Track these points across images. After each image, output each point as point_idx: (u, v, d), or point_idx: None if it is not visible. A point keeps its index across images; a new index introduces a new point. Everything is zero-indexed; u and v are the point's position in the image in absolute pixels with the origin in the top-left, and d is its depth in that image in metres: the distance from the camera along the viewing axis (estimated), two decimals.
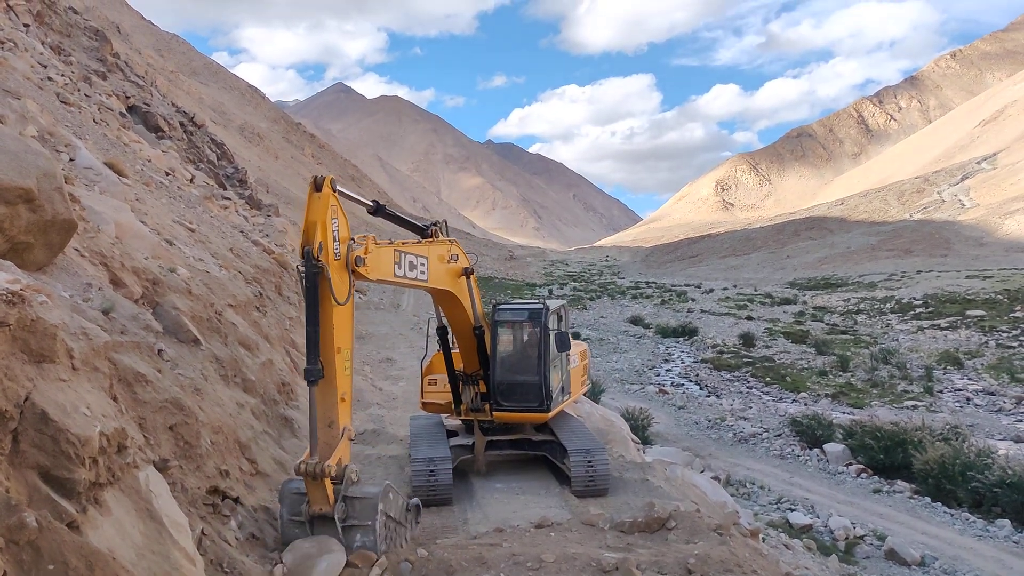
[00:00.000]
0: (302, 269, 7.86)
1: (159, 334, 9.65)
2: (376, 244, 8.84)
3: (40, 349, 5.62)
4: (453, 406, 12.71)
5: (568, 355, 13.23)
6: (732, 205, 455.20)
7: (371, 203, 9.84)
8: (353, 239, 8.57)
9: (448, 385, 12.67)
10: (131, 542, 5.52)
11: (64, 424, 5.18)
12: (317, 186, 8.00)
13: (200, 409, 8.83)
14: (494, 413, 12.30)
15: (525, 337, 12.60)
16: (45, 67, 26.28)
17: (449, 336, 12.68)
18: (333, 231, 8.02)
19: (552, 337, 12.20)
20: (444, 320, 12.15)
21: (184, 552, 6.02)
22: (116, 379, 7.06)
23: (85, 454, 5.23)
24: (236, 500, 8.37)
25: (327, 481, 7.81)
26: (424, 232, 11.30)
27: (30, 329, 5.55)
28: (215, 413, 9.48)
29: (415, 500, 9.67)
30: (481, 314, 11.98)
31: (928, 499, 23.07)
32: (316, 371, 7.87)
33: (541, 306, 12.58)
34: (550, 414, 12.38)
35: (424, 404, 13.50)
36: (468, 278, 11.50)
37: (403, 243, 9.91)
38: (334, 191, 8.07)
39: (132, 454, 6.11)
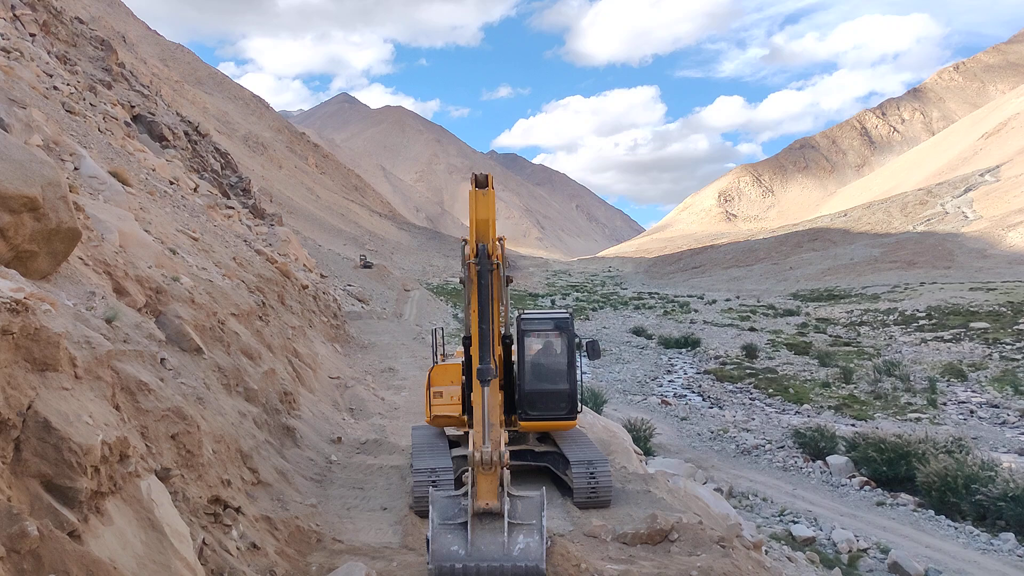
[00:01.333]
0: (476, 265, 7.67)
1: (162, 343, 9.66)
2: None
3: (43, 357, 5.63)
4: (465, 417, 12.56)
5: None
6: (735, 216, 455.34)
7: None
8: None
9: (454, 397, 12.60)
10: (132, 551, 5.51)
11: (66, 433, 5.18)
12: (479, 183, 7.91)
13: (202, 418, 8.83)
14: (521, 423, 12.28)
15: (554, 345, 12.63)
16: (51, 76, 26.41)
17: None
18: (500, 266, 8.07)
19: (584, 345, 12.30)
20: (470, 330, 11.89)
21: (185, 562, 6.00)
22: (119, 388, 7.06)
23: (87, 463, 5.23)
24: (238, 510, 8.35)
25: (499, 471, 7.52)
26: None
27: (33, 337, 5.56)
28: (217, 422, 9.48)
29: None
30: (507, 323, 12.01)
31: (932, 512, 22.96)
32: (492, 371, 7.74)
33: (566, 315, 12.66)
34: (577, 422, 12.46)
35: (434, 419, 13.04)
36: (506, 286, 11.51)
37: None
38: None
39: (134, 463, 6.10)
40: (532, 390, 12.17)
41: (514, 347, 12.30)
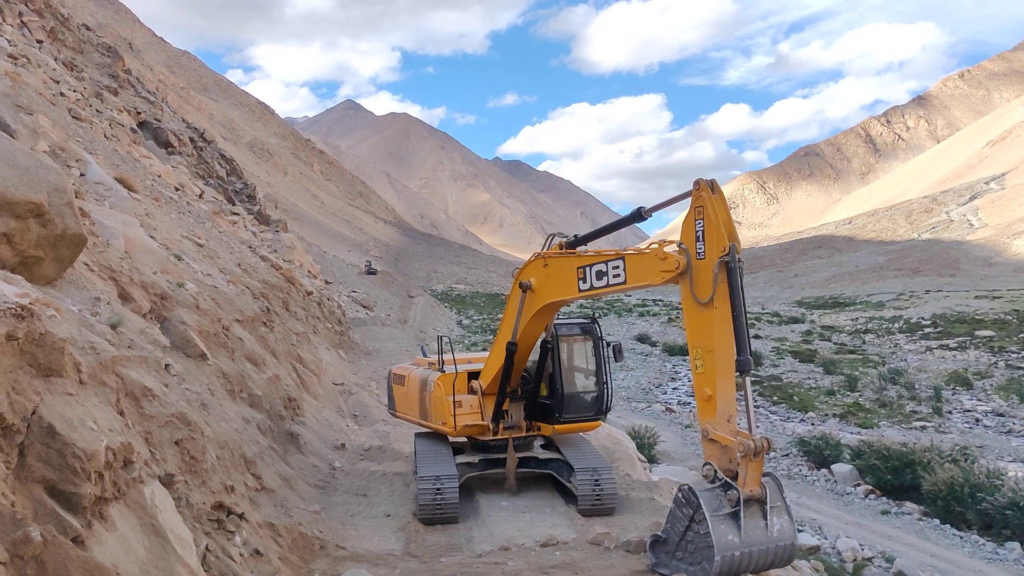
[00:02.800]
0: (731, 264, 7.94)
1: (166, 349, 9.67)
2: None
3: (48, 363, 5.64)
4: (492, 425, 12.49)
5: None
6: (739, 223, 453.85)
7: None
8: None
9: (473, 405, 12.56)
10: (136, 557, 5.51)
11: (71, 438, 5.18)
12: (711, 188, 8.12)
13: (206, 424, 8.83)
14: (556, 426, 12.34)
15: (585, 349, 12.72)
16: (57, 83, 26.51)
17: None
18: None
19: (611, 348, 12.43)
20: (517, 335, 11.76)
21: (188, 568, 6.00)
22: (123, 393, 7.07)
23: (91, 468, 5.23)
24: (241, 516, 8.35)
25: (763, 458, 7.77)
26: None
27: (38, 343, 5.57)
28: (221, 428, 9.48)
29: None
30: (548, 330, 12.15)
31: (937, 521, 22.85)
32: (751, 361, 8.15)
33: (590, 320, 12.91)
34: (602, 422, 12.79)
35: (462, 428, 12.55)
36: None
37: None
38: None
39: (138, 469, 6.10)
40: (570, 393, 12.28)
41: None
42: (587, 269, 9.78)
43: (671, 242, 8.84)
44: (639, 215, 9.60)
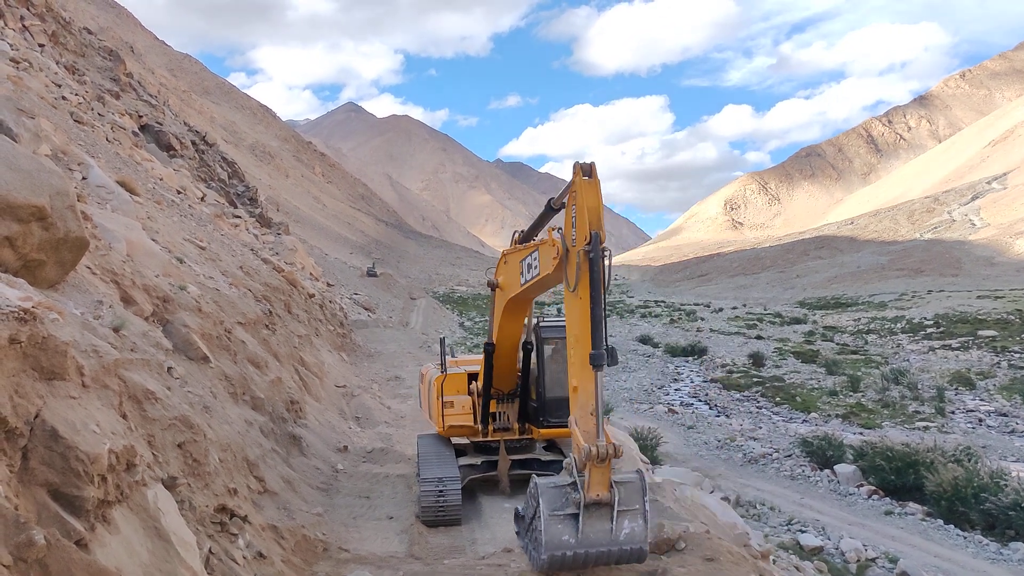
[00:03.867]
0: (590, 253, 7.68)
1: (169, 352, 9.68)
2: None
3: (51, 366, 5.64)
4: (480, 427, 12.53)
5: None
6: (741, 224, 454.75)
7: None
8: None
9: (466, 406, 12.58)
10: (139, 560, 5.51)
11: (73, 441, 5.19)
12: (586, 172, 7.88)
13: (209, 427, 8.84)
14: (541, 430, 12.25)
15: None
16: (59, 86, 26.56)
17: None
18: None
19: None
20: (493, 337, 11.81)
21: (192, 571, 6.00)
22: (126, 396, 7.07)
23: (94, 471, 5.23)
24: (244, 518, 8.35)
25: (611, 463, 7.53)
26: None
27: (41, 346, 5.57)
28: (224, 431, 9.48)
29: None
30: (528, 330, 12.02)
31: (941, 521, 22.81)
32: (603, 356, 7.67)
33: None
34: None
35: (449, 428, 12.81)
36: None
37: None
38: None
39: (141, 472, 6.11)
40: (553, 397, 12.17)
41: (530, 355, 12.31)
42: (523, 262, 9.66)
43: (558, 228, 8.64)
44: (551, 207, 9.48)
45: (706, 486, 24.79)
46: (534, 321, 12.26)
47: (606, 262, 7.86)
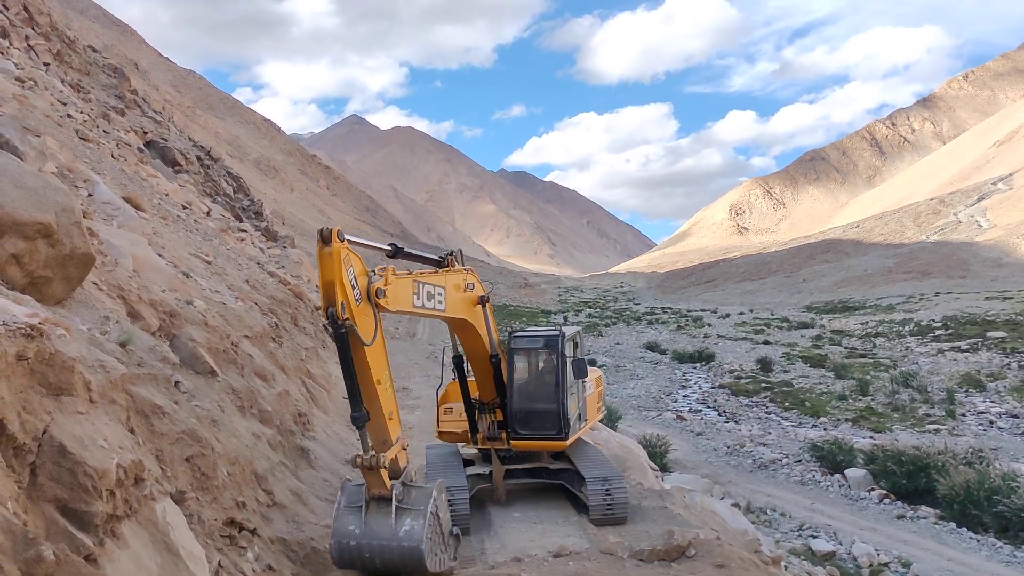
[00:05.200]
0: (330, 329, 8.05)
1: (176, 366, 9.69)
2: (395, 276, 8.99)
3: (58, 382, 5.66)
4: (469, 435, 12.66)
5: (584, 382, 13.19)
6: (747, 229, 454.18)
7: (388, 247, 9.88)
8: (373, 271, 8.67)
9: (463, 414, 12.65)
10: (148, 575, 5.51)
11: (82, 457, 5.20)
12: (324, 239, 7.85)
13: (217, 440, 8.84)
14: (512, 442, 12.26)
15: (542, 364, 12.57)
16: (64, 104, 26.71)
17: (465, 365, 12.67)
18: (350, 280, 8.02)
19: (569, 364, 12.20)
20: (460, 349, 12.14)
21: None
22: (133, 411, 7.08)
23: (103, 486, 5.24)
24: (253, 532, 8.35)
25: (383, 471, 8.26)
26: (441, 263, 11.29)
27: (48, 362, 5.59)
28: (232, 444, 9.48)
29: (456, 529, 9.89)
30: (497, 342, 11.98)
31: (953, 524, 22.67)
32: (363, 417, 8.27)
33: (557, 333, 12.57)
34: (567, 442, 12.32)
35: (440, 434, 13.35)
36: (484, 306, 11.53)
37: (421, 273, 9.97)
38: (342, 241, 8.00)
39: (149, 486, 6.11)
40: (519, 409, 12.14)
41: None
42: None
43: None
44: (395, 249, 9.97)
45: (716, 492, 24.70)
46: (504, 334, 12.39)
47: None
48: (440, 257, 11.37)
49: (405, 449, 9.12)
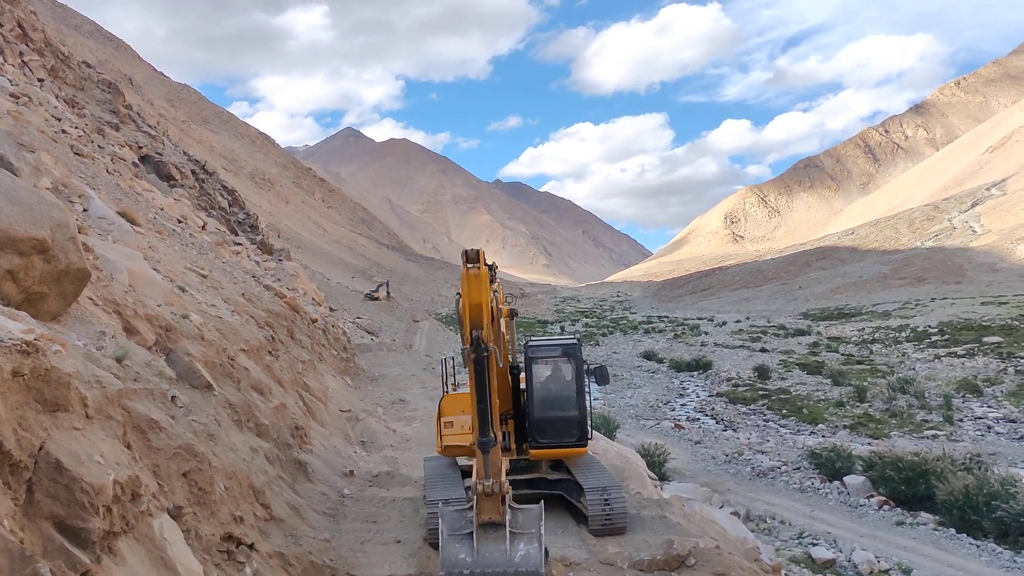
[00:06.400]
0: (471, 354, 7.96)
1: (172, 380, 9.67)
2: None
3: (54, 398, 5.64)
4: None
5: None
6: (742, 237, 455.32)
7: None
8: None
9: (466, 426, 12.57)
10: None
11: (78, 473, 5.17)
12: (471, 260, 7.94)
13: (213, 455, 8.81)
14: (532, 451, 12.24)
15: (563, 372, 12.61)
16: (59, 120, 26.75)
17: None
18: (492, 304, 8.14)
19: (593, 371, 12.32)
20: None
21: None
22: (130, 426, 7.06)
23: (99, 503, 5.22)
24: (251, 546, 8.30)
25: (500, 497, 8.14)
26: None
27: (44, 378, 5.57)
28: (229, 459, 9.45)
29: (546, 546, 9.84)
30: (514, 353, 12.04)
31: (953, 530, 22.64)
32: (491, 442, 8.32)
33: (574, 341, 12.67)
34: (588, 448, 12.47)
35: (445, 448, 13.03)
36: (512, 319, 11.57)
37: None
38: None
39: (146, 502, 6.09)
40: (541, 417, 12.14)
41: (522, 375, 12.30)
42: None
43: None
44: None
45: (715, 501, 24.66)
46: (524, 340, 12.32)
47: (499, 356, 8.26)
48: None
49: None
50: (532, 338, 13.03)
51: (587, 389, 12.37)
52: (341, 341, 37.48)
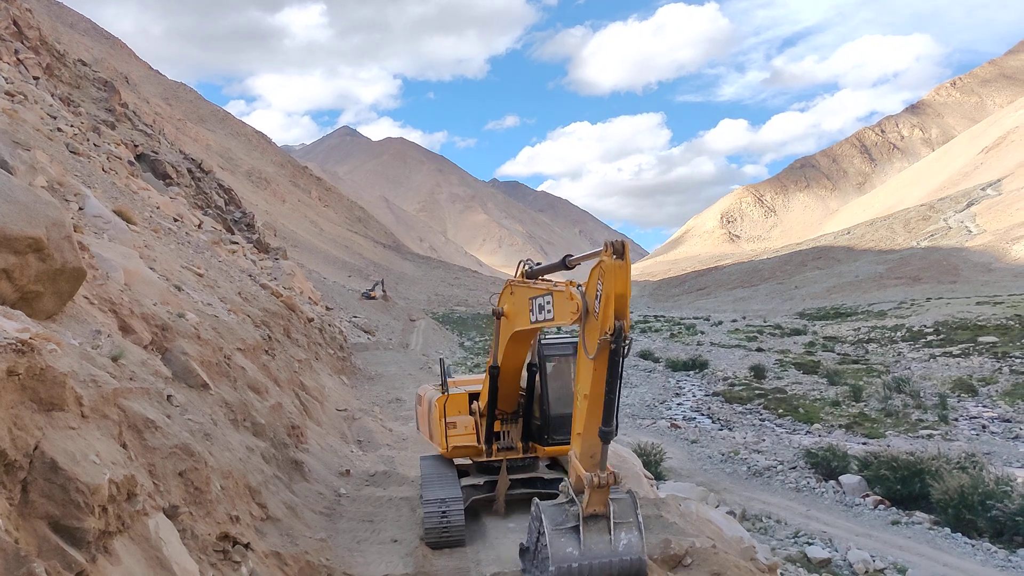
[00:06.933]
0: (611, 344, 7.78)
1: (168, 380, 9.65)
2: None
3: (49, 397, 5.62)
4: (484, 447, 12.46)
5: None
6: (738, 237, 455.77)
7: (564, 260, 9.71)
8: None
9: (468, 427, 12.54)
10: None
11: (73, 472, 5.16)
12: (618, 252, 7.73)
13: (210, 454, 8.79)
14: (545, 448, 12.25)
15: (573, 369, 12.61)
16: (55, 118, 26.68)
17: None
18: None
19: None
20: (498, 359, 11.78)
21: None
22: (125, 426, 7.04)
23: (95, 502, 5.20)
24: (247, 546, 8.29)
25: (608, 489, 8.15)
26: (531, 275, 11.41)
27: (39, 378, 5.56)
28: (225, 458, 9.43)
29: None
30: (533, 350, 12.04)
31: (948, 530, 22.69)
32: (613, 432, 8.16)
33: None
34: None
35: (453, 449, 12.70)
36: None
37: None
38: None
39: (142, 501, 6.07)
40: (557, 414, 12.17)
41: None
42: (534, 301, 9.75)
43: (576, 284, 8.69)
44: (564, 264, 9.60)
45: (711, 500, 24.67)
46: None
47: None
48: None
49: None
50: (544, 337, 12.99)
51: None
52: (338, 340, 37.47)
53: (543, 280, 10.13)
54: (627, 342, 7.79)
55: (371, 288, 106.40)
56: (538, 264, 10.79)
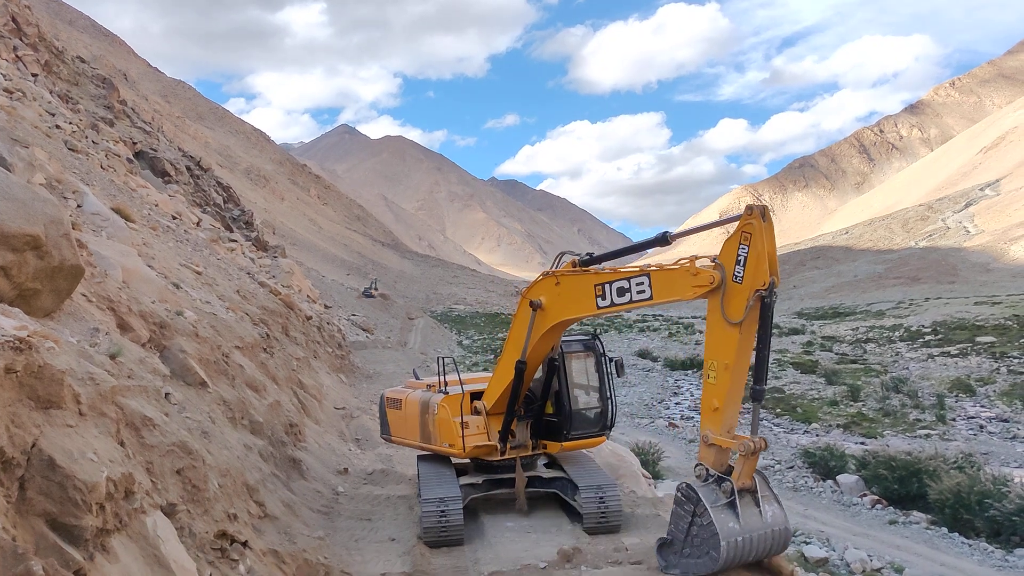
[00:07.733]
0: (767, 299, 8.51)
1: (166, 377, 9.65)
2: None
3: (47, 395, 5.62)
4: (499, 445, 12.35)
5: None
6: None
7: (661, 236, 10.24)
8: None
9: (480, 425, 12.47)
10: None
11: (71, 470, 5.15)
12: (764, 216, 8.51)
13: (208, 452, 8.79)
14: (564, 443, 12.30)
15: (589, 366, 12.70)
16: (53, 115, 26.64)
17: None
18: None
19: (613, 364, 12.49)
20: (526, 353, 11.70)
21: None
22: (123, 424, 7.04)
23: (92, 500, 5.20)
24: (245, 544, 8.29)
25: (757, 456, 8.65)
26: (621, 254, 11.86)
27: (37, 375, 5.55)
28: (223, 456, 9.43)
29: None
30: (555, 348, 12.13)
31: (945, 529, 22.72)
32: (762, 391, 9.04)
33: (592, 336, 12.92)
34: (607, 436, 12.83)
35: (473, 449, 12.29)
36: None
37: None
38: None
39: (139, 499, 6.07)
40: (577, 410, 12.23)
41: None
42: (607, 287, 10.02)
43: (702, 257, 9.29)
44: (664, 239, 9.91)
45: None
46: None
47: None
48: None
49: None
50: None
51: (610, 381, 12.57)
52: (336, 338, 37.46)
53: (611, 268, 10.55)
54: (775, 296, 8.41)
55: (369, 286, 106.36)
56: (589, 255, 11.28)
